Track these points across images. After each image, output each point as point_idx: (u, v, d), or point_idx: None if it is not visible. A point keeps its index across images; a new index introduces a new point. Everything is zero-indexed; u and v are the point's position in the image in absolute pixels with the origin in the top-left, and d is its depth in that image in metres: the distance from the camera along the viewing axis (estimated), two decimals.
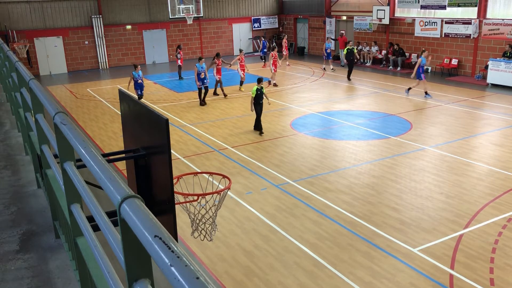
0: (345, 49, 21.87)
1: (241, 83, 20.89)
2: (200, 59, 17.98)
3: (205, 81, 17.85)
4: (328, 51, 24.57)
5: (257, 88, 13.87)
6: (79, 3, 27.72)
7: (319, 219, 8.77)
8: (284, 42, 27.91)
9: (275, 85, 21.43)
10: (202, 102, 18.19)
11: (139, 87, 17.19)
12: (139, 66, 17.27)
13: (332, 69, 24.91)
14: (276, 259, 7.47)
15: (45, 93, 3.47)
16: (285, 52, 27.70)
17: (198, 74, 17.67)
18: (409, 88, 18.75)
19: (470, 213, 8.80)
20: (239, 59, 20.38)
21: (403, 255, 7.46)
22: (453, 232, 8.10)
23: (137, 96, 17.01)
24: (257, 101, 13.94)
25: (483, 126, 14.58)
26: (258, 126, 14.26)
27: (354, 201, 9.51)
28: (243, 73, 20.49)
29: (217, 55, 19.53)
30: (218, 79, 19.44)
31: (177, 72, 24.93)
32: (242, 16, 32.87)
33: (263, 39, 30.32)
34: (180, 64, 24.33)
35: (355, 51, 22.76)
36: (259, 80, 14.20)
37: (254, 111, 14.20)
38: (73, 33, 27.82)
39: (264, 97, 14.12)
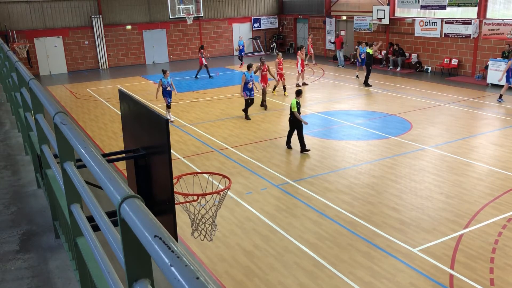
0: (370, 50, 20.86)
1: (284, 88, 19.28)
2: (249, 67, 15.78)
3: (252, 92, 15.72)
4: (363, 56, 21.80)
5: (296, 102, 12.46)
6: (79, 3, 27.73)
7: (319, 219, 8.77)
8: (309, 42, 27.69)
9: (304, 84, 21.20)
10: (247, 116, 16.11)
11: (167, 94, 15.54)
12: (168, 72, 15.57)
13: (357, 76, 22.66)
14: (276, 259, 7.47)
15: (45, 93, 3.47)
16: (311, 50, 27.48)
17: (246, 84, 15.54)
18: (501, 95, 17.43)
19: (470, 213, 8.80)
20: (277, 63, 18.71)
21: (403, 255, 7.46)
22: (453, 232, 8.10)
23: (166, 105, 15.81)
24: (295, 116, 12.36)
25: (483, 126, 14.58)
26: (302, 143, 12.47)
27: (354, 201, 9.51)
28: (280, 78, 18.91)
29: (261, 60, 17.46)
30: (262, 87, 17.32)
31: (203, 70, 24.21)
32: (242, 16, 32.88)
33: (239, 39, 28.84)
34: (202, 63, 23.75)
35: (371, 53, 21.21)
36: (299, 93, 12.72)
37: (302, 123, 12.49)
38: (73, 33, 27.83)
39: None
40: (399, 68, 24.48)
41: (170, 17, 27.41)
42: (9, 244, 3.46)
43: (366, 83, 20.85)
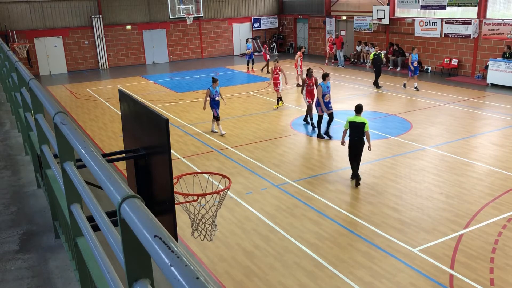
0: (372, 54, 20.85)
1: (280, 98, 17.32)
2: (325, 76, 13.19)
3: (330, 105, 13.25)
4: (415, 64, 19.04)
5: (353, 122, 10.07)
6: (79, 3, 27.73)
7: (319, 219, 8.77)
8: (329, 41, 27.48)
9: (298, 85, 21.00)
10: (327, 134, 13.64)
11: (215, 105, 13.94)
12: (218, 81, 14.00)
13: (416, 87, 19.55)
14: (276, 259, 7.47)
15: (45, 93, 3.48)
16: (328, 50, 27.63)
17: (323, 96, 13.14)
18: None
19: (470, 213, 8.80)
20: (272, 70, 17.01)
21: (403, 255, 7.46)
22: (453, 232, 8.10)
23: (213, 117, 14.25)
24: (353, 137, 10.09)
25: (483, 126, 14.57)
26: (355, 173, 10.26)
27: (354, 201, 9.51)
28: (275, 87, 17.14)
29: (309, 71, 14.46)
30: (308, 103, 14.57)
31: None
32: (242, 16, 32.88)
33: (246, 42, 26.67)
34: (267, 58, 24.76)
35: (382, 56, 20.65)
36: (360, 109, 10.26)
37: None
38: (73, 33, 27.83)
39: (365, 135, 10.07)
40: (399, 68, 24.48)
41: (170, 17, 27.41)
42: (9, 244, 3.46)
43: (376, 84, 20.61)
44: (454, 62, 22.44)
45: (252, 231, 8.38)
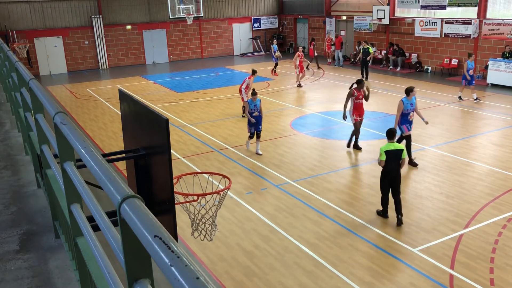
0: (360, 49, 21.41)
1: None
2: (409, 91, 10.68)
3: (411, 126, 10.98)
4: (471, 73, 16.81)
5: (391, 150, 8.40)
6: (79, 3, 27.72)
7: (319, 219, 8.77)
8: (327, 41, 27.64)
9: (299, 85, 21.09)
10: (414, 162, 11.21)
11: (250, 122, 12.21)
12: (257, 94, 12.30)
13: (476, 99, 17.31)
14: (276, 259, 7.47)
15: (45, 93, 3.48)
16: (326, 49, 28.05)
17: (405, 115, 10.79)
18: None
19: (470, 213, 8.80)
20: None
21: (403, 255, 7.46)
22: (453, 232, 8.10)
23: (249, 134, 12.43)
24: (392, 167, 8.47)
25: (483, 126, 14.57)
26: (384, 210, 8.76)
27: (354, 201, 9.51)
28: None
29: (359, 83, 12.11)
30: (355, 121, 12.21)
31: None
32: (242, 16, 32.87)
33: (273, 44, 25.42)
34: (314, 55, 25.36)
35: (370, 50, 21.46)
36: (393, 134, 8.59)
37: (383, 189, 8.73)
38: (73, 33, 27.83)
39: (402, 161, 8.46)
40: (399, 68, 24.48)
41: (170, 17, 27.43)
42: (9, 244, 3.46)
43: (363, 77, 21.82)
44: (454, 62, 22.44)
45: (252, 231, 8.38)
